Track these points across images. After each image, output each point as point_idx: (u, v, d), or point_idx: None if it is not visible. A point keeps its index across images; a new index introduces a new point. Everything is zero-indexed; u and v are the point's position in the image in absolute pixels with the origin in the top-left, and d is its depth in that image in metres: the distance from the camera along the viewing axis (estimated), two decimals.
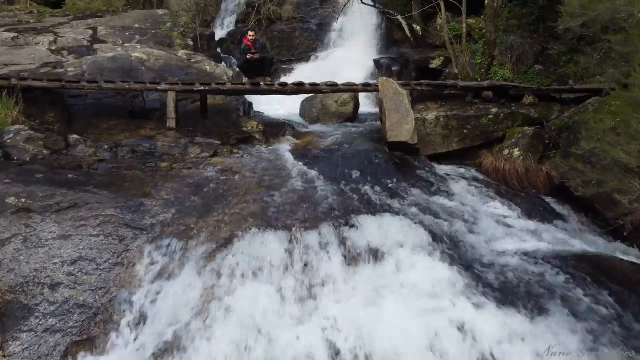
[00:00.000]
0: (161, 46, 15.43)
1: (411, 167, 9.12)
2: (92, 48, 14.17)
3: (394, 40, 20.08)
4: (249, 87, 10.14)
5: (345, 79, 19.07)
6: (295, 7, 21.91)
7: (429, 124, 10.31)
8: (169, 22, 17.57)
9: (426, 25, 17.56)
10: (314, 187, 7.58)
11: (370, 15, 19.91)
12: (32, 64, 12.60)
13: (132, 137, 9.53)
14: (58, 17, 18.57)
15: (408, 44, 18.80)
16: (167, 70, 13.27)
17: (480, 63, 11.98)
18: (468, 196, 8.48)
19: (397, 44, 20.00)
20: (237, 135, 10.07)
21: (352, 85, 10.44)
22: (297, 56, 20.84)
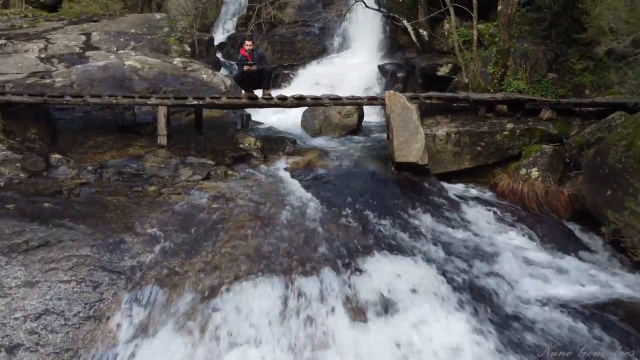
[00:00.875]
0: (157, 52, 14.59)
1: (421, 190, 8.26)
2: (84, 55, 13.32)
3: (399, 45, 19.17)
4: (246, 101, 9.29)
5: (349, 85, 18.32)
6: (297, 11, 21.03)
7: (439, 141, 9.43)
8: (166, 26, 16.71)
9: (433, 30, 16.64)
10: (314, 218, 6.72)
11: (375, 19, 19.00)
12: (19, 73, 11.76)
13: (120, 156, 8.69)
14: (52, 22, 17.74)
15: (414, 48, 17.90)
16: (162, 79, 12.43)
17: (493, 73, 11.08)
18: (484, 224, 7.62)
19: (402, 48, 19.10)
20: (233, 153, 9.22)
21: (356, 99, 9.57)
22: (298, 61, 19.97)
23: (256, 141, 9.65)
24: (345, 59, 19.30)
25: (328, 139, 11.43)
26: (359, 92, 17.49)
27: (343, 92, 17.78)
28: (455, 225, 7.25)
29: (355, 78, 17.92)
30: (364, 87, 17.53)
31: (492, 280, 5.94)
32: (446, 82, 15.00)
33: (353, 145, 10.52)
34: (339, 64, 18.92)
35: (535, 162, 8.97)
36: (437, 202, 7.91)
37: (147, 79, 12.18)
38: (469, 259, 6.32)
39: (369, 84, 17.57)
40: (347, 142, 11.05)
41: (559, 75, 12.66)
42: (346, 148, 10.23)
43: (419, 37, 16.82)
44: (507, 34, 10.70)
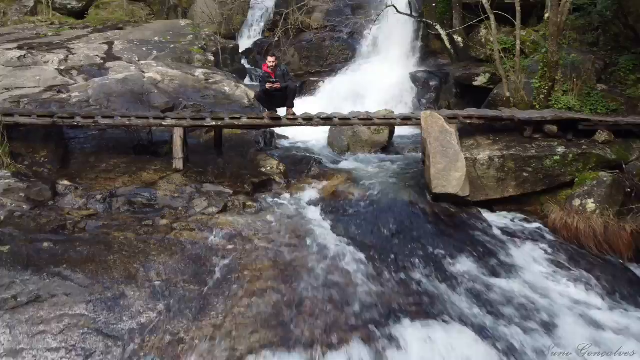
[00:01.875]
0: (180, 62, 13.82)
1: (462, 226, 7.22)
2: (104, 67, 12.62)
3: (432, 51, 18.02)
4: (268, 121, 8.39)
5: (379, 94, 17.25)
6: (325, 16, 20.05)
7: (480, 165, 8.37)
8: (190, 34, 15.94)
9: (468, 36, 15.48)
10: (342, 267, 5.79)
11: (406, 24, 17.89)
12: (36, 86, 11.11)
13: (132, 183, 7.88)
14: (77, 30, 17.16)
15: (447, 55, 16.76)
16: (182, 92, 11.63)
17: (539, 87, 9.92)
18: (535, 268, 6.56)
19: (435, 54, 17.94)
20: (253, 178, 8.34)
21: (388, 119, 8.57)
22: (326, 67, 19.00)
23: (279, 165, 8.74)
24: (375, 65, 18.23)
25: (357, 158, 10.46)
26: (389, 101, 16.48)
27: (372, 102, 16.89)
28: (503, 273, 6.21)
29: (386, 86, 16.85)
30: (394, 96, 16.48)
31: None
32: (483, 92, 13.86)
33: (384, 167, 9.52)
34: (369, 71, 17.87)
35: (591, 192, 7.83)
36: (480, 241, 6.87)
37: (166, 92, 11.40)
38: (522, 321, 5.28)
39: (400, 93, 16.50)
40: (377, 162, 10.06)
41: (610, 87, 11.40)
42: (376, 171, 9.24)
43: (453, 43, 15.67)
44: (556, 44, 9.53)
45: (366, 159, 10.19)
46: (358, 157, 10.42)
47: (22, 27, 17.41)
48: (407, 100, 16.17)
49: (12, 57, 12.02)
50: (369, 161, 10.01)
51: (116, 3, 19.84)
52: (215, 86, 12.06)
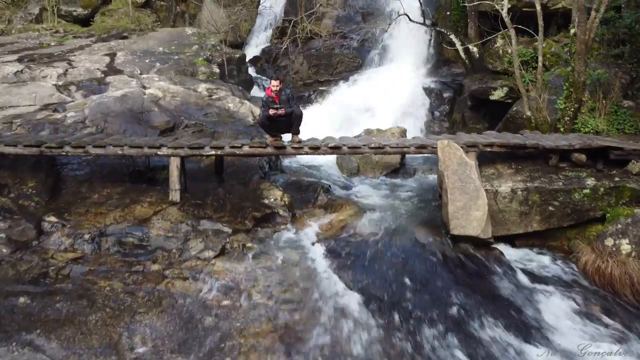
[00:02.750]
0: (183, 75, 13.10)
1: (483, 271, 6.44)
2: (104, 81, 11.93)
3: (445, 59, 17.14)
4: (271, 150, 7.64)
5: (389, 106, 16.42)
6: (334, 22, 19.22)
7: (502, 198, 7.56)
8: (196, 44, 15.22)
9: (483, 45, 14.60)
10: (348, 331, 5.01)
11: (418, 31, 17.00)
12: (32, 104, 10.45)
13: (124, 219, 7.16)
14: (81, 39, 16.51)
15: (461, 63, 15.87)
16: (184, 110, 10.91)
17: (564, 109, 9.06)
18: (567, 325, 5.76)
19: (448, 63, 17.06)
20: (255, 211, 7.59)
21: (401, 147, 7.75)
22: (336, 76, 18.16)
23: (283, 196, 7.98)
24: (386, 74, 17.37)
25: (366, 183, 9.69)
26: (400, 113, 15.70)
27: (383, 113, 16.06)
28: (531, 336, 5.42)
29: (397, 97, 16.01)
30: (406, 108, 15.64)
31: None
32: (500, 106, 12.99)
33: (396, 196, 8.73)
34: (380, 80, 17.01)
35: (625, 231, 7.00)
36: (504, 292, 6.09)
37: (167, 110, 10.68)
38: None
39: (413, 104, 15.64)
40: (389, 188, 9.27)
41: (637, 104, 10.51)
42: (388, 200, 8.45)
43: (468, 54, 14.79)
44: (584, 64, 8.66)
45: (377, 184, 9.41)
46: (368, 182, 9.63)
47: (26, 36, 16.81)
48: (419, 112, 15.32)
49: (8, 72, 11.37)
50: (380, 188, 9.22)
51: (122, 10, 19.16)
52: (219, 103, 11.32)
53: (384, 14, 19.35)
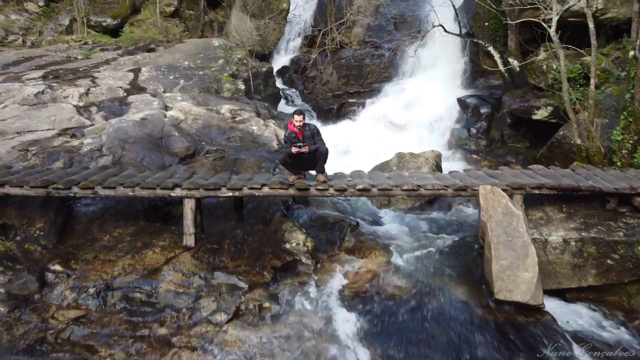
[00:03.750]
0: (207, 93, 12.43)
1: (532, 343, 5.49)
2: (126, 101, 11.35)
3: (481, 70, 15.99)
4: (294, 192, 6.85)
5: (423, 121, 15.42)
6: (365, 31, 18.29)
7: (552, 249, 6.59)
8: (222, 58, 14.53)
9: (524, 58, 13.45)
10: None
11: (453, 39, 15.92)
12: (50, 129, 9.93)
13: (133, 268, 6.49)
14: (108, 51, 16.06)
15: (499, 74, 14.72)
16: (206, 134, 10.22)
17: (622, 140, 7.98)
18: None
19: (485, 74, 15.89)
20: (275, 258, 6.83)
21: (438, 189, 6.83)
22: (366, 87, 17.25)
23: (306, 240, 7.18)
24: (419, 86, 16.37)
25: (398, 218, 8.79)
26: (434, 130, 14.67)
27: (416, 129, 15.04)
28: None
29: (430, 111, 15.02)
30: (440, 124, 14.64)
31: None
32: (543, 124, 11.88)
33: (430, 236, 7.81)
34: (412, 92, 16.03)
35: None
36: None
37: (188, 135, 10.01)
38: None
39: (447, 120, 14.63)
40: (421, 225, 8.36)
41: None
42: (421, 242, 7.55)
43: (507, 66, 13.67)
44: None
45: (409, 220, 8.49)
46: (400, 217, 8.75)
47: (55, 48, 16.46)
48: (454, 128, 14.29)
49: (29, 93, 10.89)
50: (412, 225, 8.31)
51: (150, 20, 18.67)
52: (242, 125, 10.59)
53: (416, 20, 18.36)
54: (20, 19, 18.55)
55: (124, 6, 18.74)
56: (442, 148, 14.13)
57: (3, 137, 9.52)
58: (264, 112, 12.28)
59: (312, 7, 19.54)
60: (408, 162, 10.31)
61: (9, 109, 10.37)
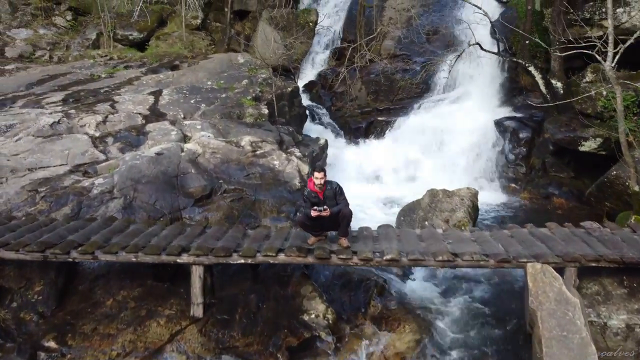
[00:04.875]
0: (229, 119, 11.64)
1: None
2: (144, 130, 10.65)
3: (520, 88, 14.76)
4: (313, 260, 5.99)
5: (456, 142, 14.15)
6: (396, 44, 17.19)
7: (612, 334, 5.56)
8: (246, 78, 13.73)
9: (568, 78, 12.19)
10: None
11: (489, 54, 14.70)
12: (63, 164, 9.30)
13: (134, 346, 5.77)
14: (132, 69, 15.46)
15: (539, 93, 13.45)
16: (224, 170, 9.43)
17: None
18: None
19: (524, 91, 14.63)
20: (291, 334, 6.00)
21: (477, 261, 5.85)
22: (397, 103, 16.17)
23: (326, 311, 6.30)
24: (452, 103, 15.24)
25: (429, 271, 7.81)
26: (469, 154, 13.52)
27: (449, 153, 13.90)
28: None
29: (465, 133, 13.85)
30: (475, 148, 13.48)
31: None
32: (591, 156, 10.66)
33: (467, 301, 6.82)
34: (445, 110, 14.92)
35: None
36: None
37: (205, 171, 9.24)
38: None
39: (483, 143, 13.44)
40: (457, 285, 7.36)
41: None
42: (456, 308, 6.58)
43: (550, 88, 12.43)
44: None
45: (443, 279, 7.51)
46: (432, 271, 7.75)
47: (80, 65, 15.98)
48: (491, 153, 13.13)
49: (44, 124, 10.30)
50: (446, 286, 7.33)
51: (176, 34, 18.05)
52: (263, 160, 9.75)
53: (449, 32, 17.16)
54: (48, 34, 18.18)
55: (150, 19, 18.14)
56: (477, 174, 13.06)
57: (14, 175, 8.94)
58: (288, 139, 11.44)
59: (341, 18, 18.55)
60: (441, 201, 9.30)
61: (23, 142, 9.80)
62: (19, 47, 17.20)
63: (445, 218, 8.75)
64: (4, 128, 10.10)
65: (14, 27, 18.03)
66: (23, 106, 11.94)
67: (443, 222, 8.72)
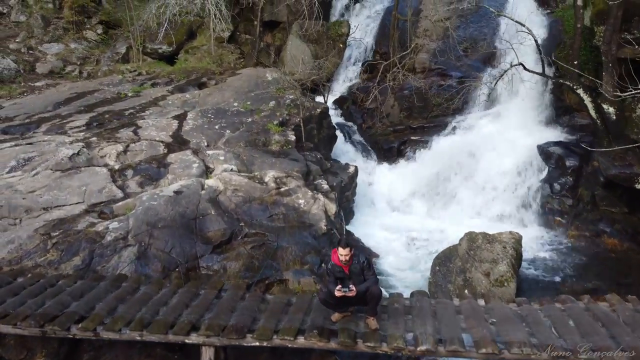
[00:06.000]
0: (254, 147, 10.88)
1: None
2: (165, 162, 9.99)
3: (566, 106, 13.46)
4: (336, 346, 5.15)
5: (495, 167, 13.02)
6: (431, 57, 16.02)
7: None
8: (273, 98, 12.94)
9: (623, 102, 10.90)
10: None
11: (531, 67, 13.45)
12: (79, 202, 8.73)
13: None
14: (159, 87, 14.89)
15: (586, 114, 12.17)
16: (245, 210, 8.67)
17: None
18: None
19: (570, 111, 13.33)
20: None
21: (527, 354, 4.89)
22: (431, 120, 15.05)
23: None
24: (491, 123, 14.05)
25: None
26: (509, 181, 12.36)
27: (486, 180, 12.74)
28: None
29: (505, 156, 12.68)
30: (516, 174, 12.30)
31: None
32: None
33: None
34: (484, 131, 13.75)
35: None
36: None
37: (226, 212, 8.52)
38: None
39: (525, 170, 12.23)
40: None
41: None
42: None
43: (602, 113, 11.15)
44: None
45: None
46: None
47: (108, 81, 15.52)
48: (533, 181, 11.95)
49: (63, 156, 9.74)
50: None
51: (205, 47, 17.40)
52: (287, 199, 8.95)
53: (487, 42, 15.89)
54: (79, 48, 17.82)
55: (179, 32, 17.54)
56: (517, 203, 11.91)
57: (28, 215, 8.42)
58: (315, 169, 10.62)
59: (374, 30, 17.51)
60: (481, 248, 8.30)
61: (41, 177, 9.27)
62: (50, 62, 16.88)
63: (485, 271, 7.77)
64: (22, 161, 9.60)
65: (45, 41, 17.74)
66: (47, 131, 11.49)
67: (483, 275, 7.74)
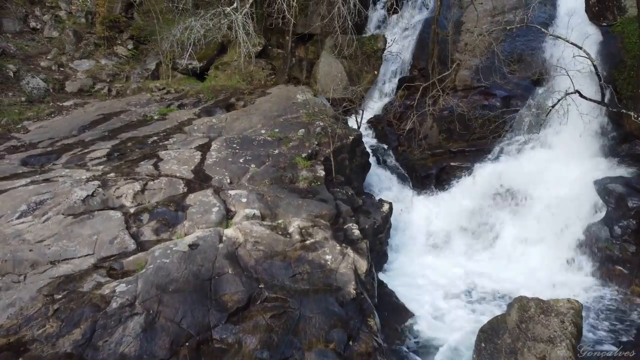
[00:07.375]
0: (279, 185, 9.82)
1: None
2: (183, 204, 9.06)
3: (625, 133, 11.80)
4: None
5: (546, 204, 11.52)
6: (473, 74, 14.56)
7: None
8: (303, 125, 11.85)
9: None
10: None
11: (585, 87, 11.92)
12: (89, 254, 7.87)
13: None
14: (186, 109, 14.07)
15: None
16: (266, 268, 7.62)
17: None
18: None
19: (631, 138, 11.68)
20: None
21: None
22: (472, 144, 13.66)
23: None
24: (539, 147, 12.58)
25: None
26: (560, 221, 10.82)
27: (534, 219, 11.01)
28: None
29: (555, 188, 11.18)
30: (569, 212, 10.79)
31: None
32: None
33: None
34: (532, 158, 12.27)
35: None
36: None
37: (245, 270, 7.49)
38: None
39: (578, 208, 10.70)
40: None
41: None
42: None
43: None
44: None
45: None
46: None
47: (136, 101, 14.82)
48: (588, 221, 10.43)
49: (77, 199, 8.92)
50: None
51: (236, 64, 16.45)
52: (313, 255, 7.84)
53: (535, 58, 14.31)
54: (109, 64, 17.20)
55: (209, 47, 16.66)
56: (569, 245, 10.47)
57: (34, 270, 7.61)
58: (345, 209, 9.49)
59: (412, 44, 16.10)
60: (534, 320, 6.98)
61: (51, 223, 8.47)
62: (79, 80, 16.30)
63: (540, 355, 6.45)
64: (34, 205, 8.83)
65: (76, 58, 17.19)
66: (66, 163, 10.81)
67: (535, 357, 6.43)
